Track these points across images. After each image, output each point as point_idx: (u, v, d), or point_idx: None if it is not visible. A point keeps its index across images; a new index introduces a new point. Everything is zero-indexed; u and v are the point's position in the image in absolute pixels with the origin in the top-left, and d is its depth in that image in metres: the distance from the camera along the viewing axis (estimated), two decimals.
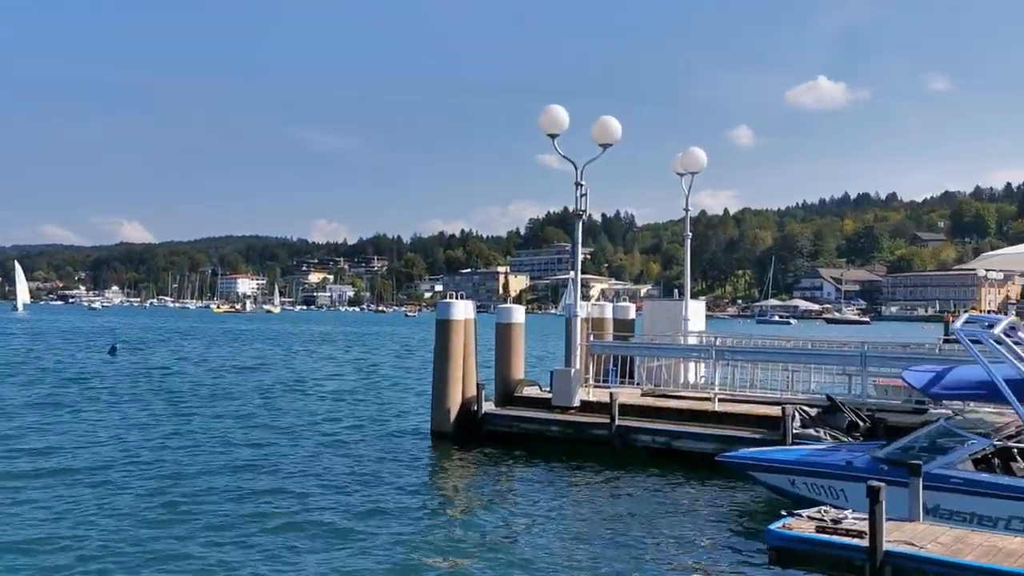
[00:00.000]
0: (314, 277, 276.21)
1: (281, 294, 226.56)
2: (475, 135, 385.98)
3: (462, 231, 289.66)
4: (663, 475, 13.73)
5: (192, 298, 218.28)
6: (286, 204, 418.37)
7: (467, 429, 16.77)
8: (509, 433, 16.48)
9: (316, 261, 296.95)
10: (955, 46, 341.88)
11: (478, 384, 17.14)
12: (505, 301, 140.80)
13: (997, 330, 10.26)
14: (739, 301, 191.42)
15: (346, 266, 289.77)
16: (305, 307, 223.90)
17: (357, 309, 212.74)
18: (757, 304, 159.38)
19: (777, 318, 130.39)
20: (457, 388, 17.04)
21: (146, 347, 49.58)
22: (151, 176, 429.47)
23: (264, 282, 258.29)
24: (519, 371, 18.05)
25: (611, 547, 10.09)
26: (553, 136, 16.97)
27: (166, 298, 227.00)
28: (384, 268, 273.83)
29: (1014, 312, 63.00)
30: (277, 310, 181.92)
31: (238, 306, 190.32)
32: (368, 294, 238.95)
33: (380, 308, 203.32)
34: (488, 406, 17.13)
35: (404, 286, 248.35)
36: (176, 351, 46.68)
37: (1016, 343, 10.91)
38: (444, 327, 17.29)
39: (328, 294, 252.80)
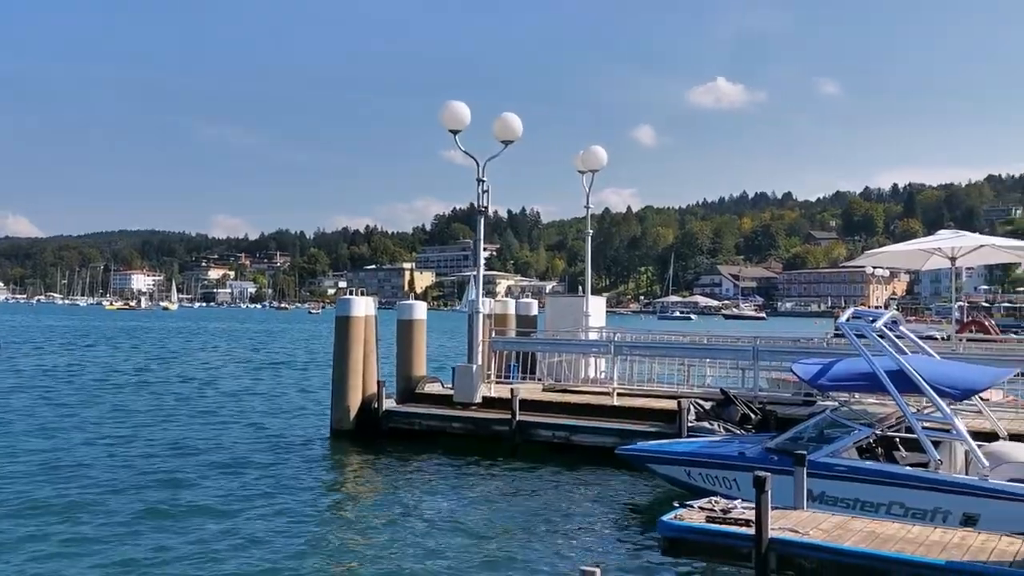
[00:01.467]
0: (214, 273, 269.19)
1: (179, 291, 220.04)
2: (380, 131, 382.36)
3: (367, 227, 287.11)
4: (563, 469, 13.86)
5: (83, 295, 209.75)
6: (184, 199, 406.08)
7: (368, 427, 16.60)
8: (410, 430, 16.39)
9: (216, 257, 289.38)
10: (843, 53, 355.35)
11: (379, 381, 16.98)
12: (411, 298, 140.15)
13: (879, 324, 10.72)
14: (642, 297, 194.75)
15: (248, 262, 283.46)
16: (205, 304, 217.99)
17: (259, 306, 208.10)
18: (659, 300, 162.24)
19: (678, 314, 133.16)
20: (357, 385, 16.85)
21: (28, 346, 47.47)
22: (36, 168, 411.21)
23: (161, 278, 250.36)
24: (421, 368, 17.96)
25: (511, 540, 10.14)
26: (455, 132, 16.95)
27: (55, 295, 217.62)
28: (287, 264, 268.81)
29: (895, 307, 66.03)
30: (175, 307, 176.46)
31: (133, 303, 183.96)
32: (270, 291, 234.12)
33: (283, 305, 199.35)
34: (389, 403, 17.00)
35: (307, 283, 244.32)
36: (59, 351, 44.81)
37: (898, 337, 11.44)
38: (344, 324, 17.08)
39: (229, 291, 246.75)
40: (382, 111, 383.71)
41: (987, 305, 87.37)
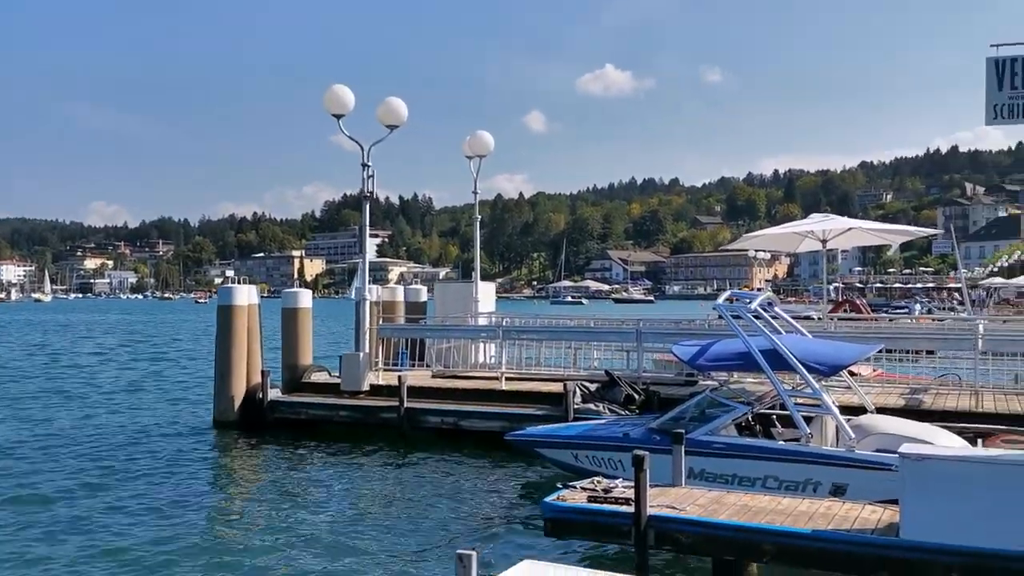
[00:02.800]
0: (91, 263, 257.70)
1: (53, 281, 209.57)
2: (268, 115, 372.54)
3: (255, 214, 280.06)
4: (451, 455, 13.85)
5: None
6: (58, 185, 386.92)
7: (252, 418, 16.23)
8: (296, 420, 16.09)
9: (93, 246, 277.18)
10: (727, 41, 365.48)
11: (263, 371, 16.61)
12: (301, 286, 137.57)
13: (754, 305, 11.05)
14: (534, 283, 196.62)
15: (128, 251, 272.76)
16: (81, 295, 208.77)
17: (141, 296, 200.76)
18: (551, 285, 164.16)
19: (570, 298, 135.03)
20: (241, 375, 16.44)
21: None
22: None
23: (33, 268, 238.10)
24: (307, 357, 17.63)
25: (395, 527, 10.08)
26: (339, 117, 16.63)
27: None
28: (170, 253, 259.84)
29: (771, 289, 68.53)
30: (48, 298, 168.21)
31: (2, 295, 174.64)
32: (153, 280, 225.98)
33: (166, 295, 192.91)
34: (274, 393, 16.64)
35: (192, 272, 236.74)
36: None
37: (774, 317, 11.84)
38: (226, 313, 16.62)
39: (107, 281, 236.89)
40: (269, 95, 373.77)
41: (861, 286, 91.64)
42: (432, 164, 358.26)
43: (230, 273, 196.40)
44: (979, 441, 9.83)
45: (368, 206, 17.40)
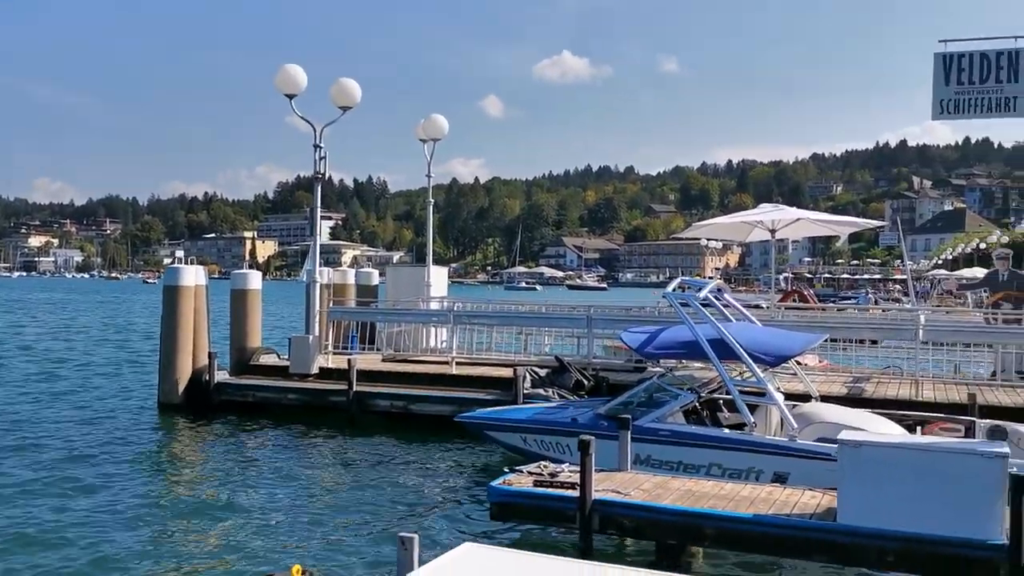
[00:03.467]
0: (35, 240, 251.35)
1: None
2: (218, 94, 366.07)
3: (206, 194, 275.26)
4: (401, 439, 13.83)
5: None
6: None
7: (198, 400, 16.04)
8: (244, 402, 15.94)
9: (38, 223, 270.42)
10: (684, 31, 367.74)
11: (210, 352, 16.40)
12: (253, 268, 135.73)
13: (702, 294, 11.17)
14: (489, 268, 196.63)
15: (74, 229, 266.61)
16: (25, 273, 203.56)
17: (87, 276, 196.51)
18: (506, 271, 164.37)
19: (524, 284, 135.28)
20: (187, 357, 16.23)
21: None
22: None
23: None
24: (256, 339, 17.45)
25: (344, 510, 10.05)
26: (291, 97, 16.43)
27: None
28: (118, 232, 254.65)
29: (720, 277, 69.43)
30: None
31: None
32: (100, 260, 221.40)
33: (113, 275, 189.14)
34: (222, 375, 16.45)
35: (141, 251, 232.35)
36: None
37: (725, 306, 11.99)
38: (172, 294, 16.37)
39: (52, 259, 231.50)
40: (221, 73, 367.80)
41: (810, 276, 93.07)
42: (387, 147, 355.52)
43: (180, 253, 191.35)
44: (918, 429, 10.07)
45: (320, 188, 17.24)
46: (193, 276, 16.67)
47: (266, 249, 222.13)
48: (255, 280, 17.95)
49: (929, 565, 6.91)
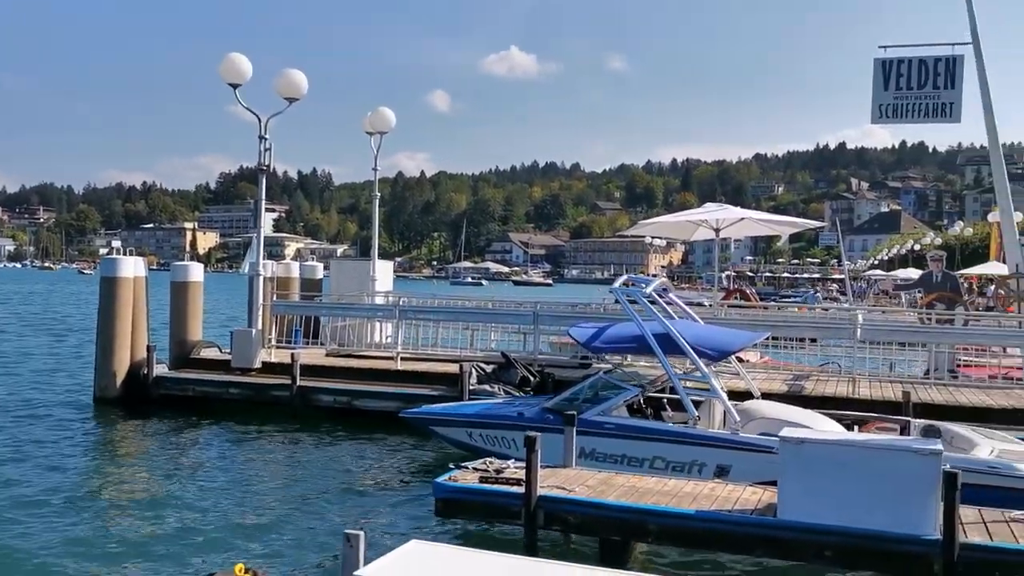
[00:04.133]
0: None
1: None
2: (159, 81, 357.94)
3: (144, 183, 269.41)
4: (344, 435, 13.71)
5: None
6: None
7: (136, 394, 15.70)
8: (184, 397, 15.65)
9: None
10: (631, 30, 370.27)
11: (148, 346, 16.07)
12: (194, 259, 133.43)
13: (649, 290, 11.29)
14: (434, 263, 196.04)
15: (5, 217, 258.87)
16: None
17: (19, 265, 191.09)
18: (451, 266, 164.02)
19: (470, 280, 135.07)
20: (125, 350, 15.89)
21: None
22: None
23: None
24: (197, 332, 17.14)
25: (287, 506, 9.91)
26: (235, 86, 16.14)
27: None
28: (52, 221, 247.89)
29: (666, 275, 70.27)
30: None
31: None
32: (32, 249, 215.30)
33: (47, 264, 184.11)
34: (161, 369, 16.13)
35: (76, 241, 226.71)
36: None
37: (668, 303, 12.12)
38: (110, 286, 15.99)
39: None
40: (162, 59, 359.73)
41: (751, 275, 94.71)
42: (333, 139, 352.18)
43: (116, 244, 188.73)
44: (855, 428, 10.30)
45: (265, 180, 16.99)
46: (132, 267, 16.31)
47: (207, 240, 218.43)
48: (197, 272, 17.63)
49: (865, 560, 7.07)
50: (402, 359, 16.03)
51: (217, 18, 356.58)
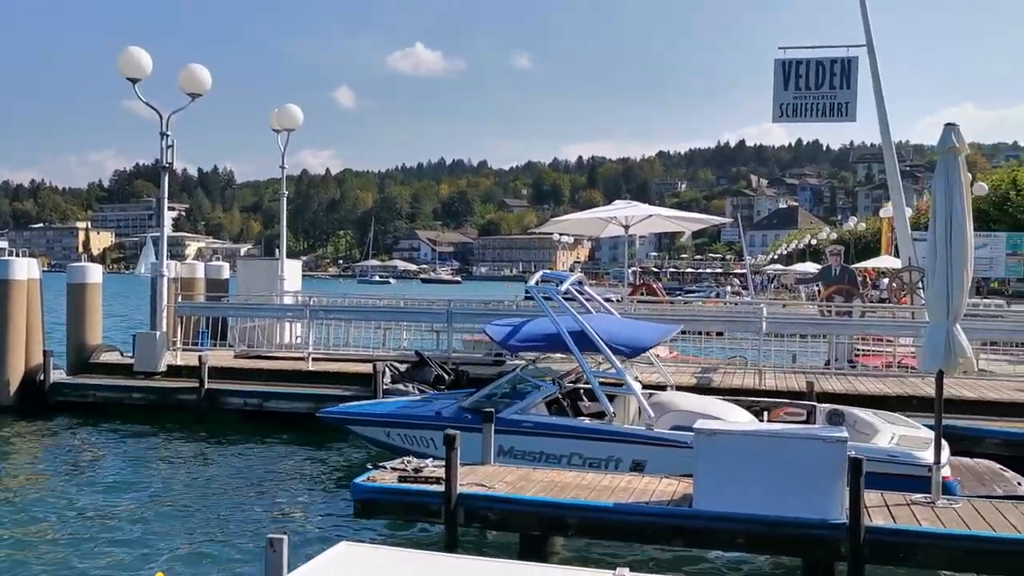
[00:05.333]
0: None
1: None
2: (50, 73, 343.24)
3: (32, 181, 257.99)
4: (256, 437, 13.43)
5: None
6: None
7: (32, 401, 15.04)
8: (84, 403, 15.06)
9: None
10: (536, 28, 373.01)
11: (45, 351, 15.42)
12: (88, 260, 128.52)
13: (564, 287, 11.41)
14: (340, 261, 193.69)
15: None
16: None
17: None
18: (358, 264, 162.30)
19: (378, 278, 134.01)
20: (19, 356, 15.20)
21: None
22: None
23: None
24: (96, 336, 16.53)
25: (202, 514, 9.63)
26: (134, 81, 15.62)
27: None
28: None
29: (580, 271, 71.11)
30: None
31: None
32: None
33: None
34: (58, 375, 15.52)
35: None
36: None
37: (587, 299, 12.27)
38: (1, 288, 15.26)
39: None
40: (51, 51, 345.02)
41: (656, 270, 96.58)
42: (235, 136, 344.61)
43: (3, 244, 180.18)
44: (765, 414, 10.62)
45: (167, 178, 16.48)
46: (25, 269, 15.61)
47: (101, 241, 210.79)
48: (95, 273, 16.99)
49: (777, 545, 7.31)
50: (313, 359, 15.79)
51: (111, 11, 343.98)
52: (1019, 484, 8.83)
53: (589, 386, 10.68)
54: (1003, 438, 11.04)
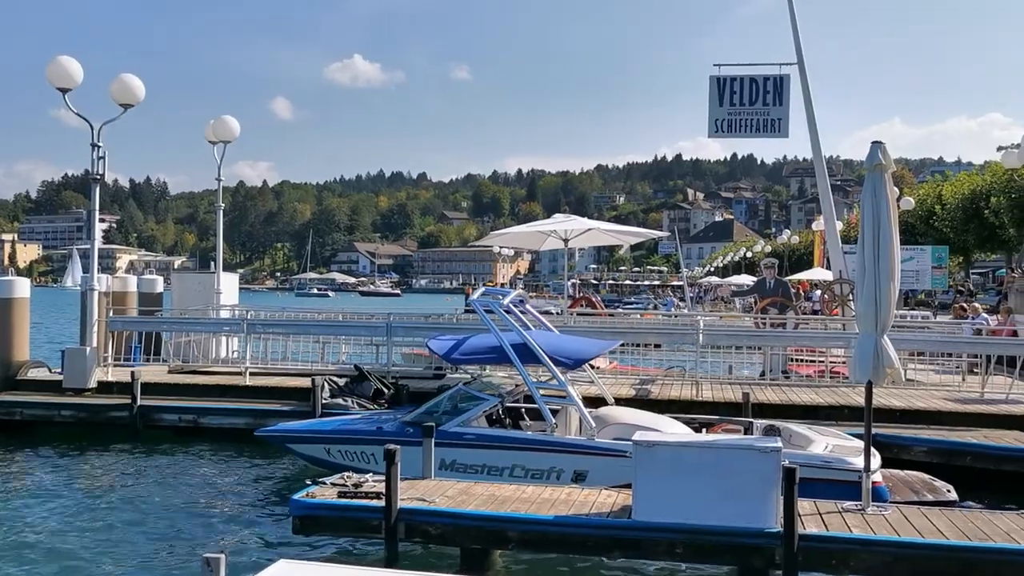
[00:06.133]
0: None
1: None
2: None
3: None
4: (191, 454, 13.17)
5: None
6: None
7: None
8: (10, 421, 14.59)
9: None
10: (474, 40, 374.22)
11: None
12: (11, 273, 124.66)
13: (506, 301, 11.47)
14: (278, 274, 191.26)
15: None
16: None
17: None
18: (296, 277, 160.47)
19: (316, 291, 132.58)
20: None
21: None
22: None
23: None
24: (23, 352, 16.04)
25: (137, 534, 9.40)
26: (64, 91, 15.25)
27: None
28: None
29: (522, 285, 71.42)
30: None
31: None
32: None
33: None
34: None
35: None
36: None
37: (523, 313, 12.33)
38: None
39: None
40: None
41: (595, 283, 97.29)
42: (168, 147, 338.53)
43: None
44: (704, 430, 10.78)
45: (98, 189, 16.12)
46: None
47: (28, 253, 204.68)
48: (22, 287, 16.49)
49: (714, 554, 7.43)
50: (251, 374, 15.56)
51: (40, 21, 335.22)
52: (948, 492, 9.13)
53: (531, 400, 10.74)
54: (930, 446, 11.38)
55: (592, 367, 12.79)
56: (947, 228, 39.56)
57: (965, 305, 21.07)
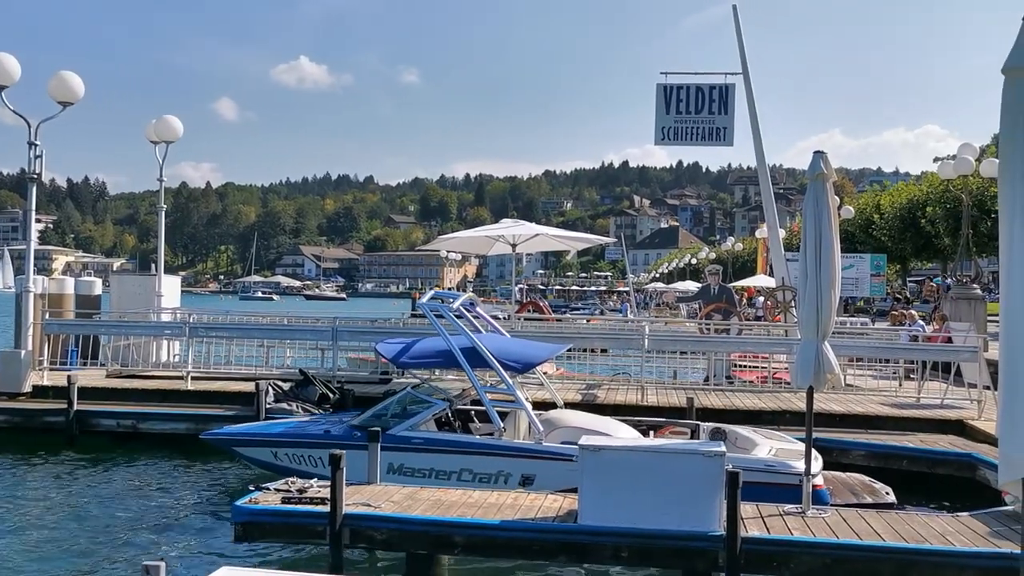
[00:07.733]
0: None
1: None
2: None
3: None
4: (131, 460, 12.89)
5: None
6: None
7: None
8: None
9: None
10: (424, 44, 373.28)
11: None
12: None
13: (456, 305, 11.46)
14: (221, 277, 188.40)
15: None
16: None
17: None
18: (240, 280, 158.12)
19: (260, 294, 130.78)
20: None
21: None
22: None
23: None
24: None
25: (73, 543, 9.15)
26: (0, 88, 14.85)
27: None
28: None
29: (471, 289, 71.23)
30: None
31: None
32: None
33: None
34: None
35: None
36: None
37: (475, 317, 12.32)
38: None
39: None
40: None
41: (543, 288, 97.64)
42: (108, 147, 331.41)
43: None
44: (651, 433, 10.88)
45: (35, 189, 15.71)
46: None
47: None
48: None
49: (659, 558, 7.48)
50: (193, 378, 15.29)
51: None
52: (887, 494, 9.34)
53: (480, 404, 10.73)
54: (869, 450, 11.63)
55: (543, 372, 12.83)
56: (885, 237, 40.54)
57: (904, 312, 21.58)
